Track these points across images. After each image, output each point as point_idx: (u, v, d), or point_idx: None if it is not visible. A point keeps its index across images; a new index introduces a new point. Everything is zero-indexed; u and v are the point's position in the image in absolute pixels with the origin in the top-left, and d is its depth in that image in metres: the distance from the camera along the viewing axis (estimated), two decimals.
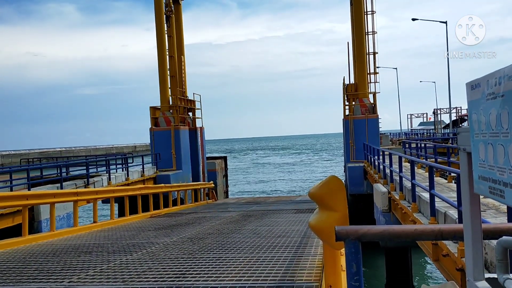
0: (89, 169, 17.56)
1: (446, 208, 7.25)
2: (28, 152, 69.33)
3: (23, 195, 10.45)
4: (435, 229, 2.47)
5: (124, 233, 10.94)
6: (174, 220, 13.52)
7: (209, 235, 9.99)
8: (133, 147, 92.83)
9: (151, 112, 25.53)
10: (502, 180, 1.33)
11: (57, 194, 11.45)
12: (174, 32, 27.30)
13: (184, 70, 28.72)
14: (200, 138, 28.17)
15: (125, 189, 15.58)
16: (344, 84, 25.49)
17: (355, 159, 23.84)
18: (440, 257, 6.63)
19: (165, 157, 24.06)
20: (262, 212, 15.18)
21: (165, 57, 26.04)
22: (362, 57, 25.23)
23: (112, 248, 8.56)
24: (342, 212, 3.54)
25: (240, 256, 7.29)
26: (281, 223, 11.69)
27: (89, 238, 10.14)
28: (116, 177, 19.32)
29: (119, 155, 24.26)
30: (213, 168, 28.66)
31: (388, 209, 12.25)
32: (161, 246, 8.56)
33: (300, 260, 6.81)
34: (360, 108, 24.78)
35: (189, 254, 7.63)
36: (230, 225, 11.69)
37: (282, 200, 23.16)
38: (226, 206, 19.23)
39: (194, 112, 28.85)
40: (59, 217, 12.65)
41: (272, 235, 9.54)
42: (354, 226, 2.62)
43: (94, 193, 13.21)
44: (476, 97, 1.51)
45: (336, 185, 3.66)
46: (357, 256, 2.57)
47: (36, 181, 15.18)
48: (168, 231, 10.89)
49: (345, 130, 25.03)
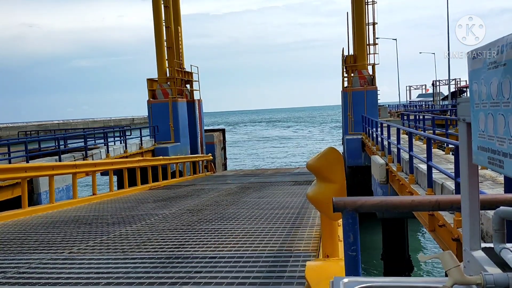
0: (87, 142, 17.53)
1: (443, 180, 7.29)
2: (26, 125, 69.15)
3: (22, 167, 10.47)
4: (432, 199, 2.47)
5: (123, 205, 11.03)
6: (173, 192, 13.62)
7: (208, 206, 10.08)
8: (131, 119, 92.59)
9: (148, 84, 25.32)
10: (502, 150, 1.31)
11: (55, 167, 11.48)
12: (171, 2, 26.76)
13: (181, 41, 28.30)
14: (198, 110, 28.04)
15: (124, 161, 15.62)
16: (343, 56, 25.21)
17: (353, 131, 23.82)
18: (436, 227, 6.71)
19: (163, 130, 24.00)
20: (260, 184, 15.28)
21: (161, 27, 25.63)
22: (362, 28, 24.86)
23: (111, 220, 8.64)
24: (339, 183, 3.55)
25: (239, 227, 7.38)
26: (279, 195, 11.78)
27: (89, 210, 10.22)
28: (115, 149, 19.32)
29: (117, 128, 24.19)
30: (211, 140, 28.65)
31: (386, 180, 12.33)
32: (160, 218, 8.65)
33: (298, 230, 6.89)
34: (359, 80, 24.59)
35: (188, 225, 7.71)
36: (229, 197, 11.78)
37: (280, 172, 23.28)
38: (225, 179, 19.34)
39: (191, 84, 28.61)
40: (58, 189, 12.71)
41: (270, 206, 9.63)
42: (352, 197, 2.62)
43: (93, 166, 13.24)
44: (477, 66, 1.48)
45: (334, 156, 3.66)
46: (354, 227, 2.59)
47: (35, 154, 15.17)
48: (167, 203, 10.98)
49: (343, 102, 24.92)
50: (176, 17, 27.66)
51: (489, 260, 1.55)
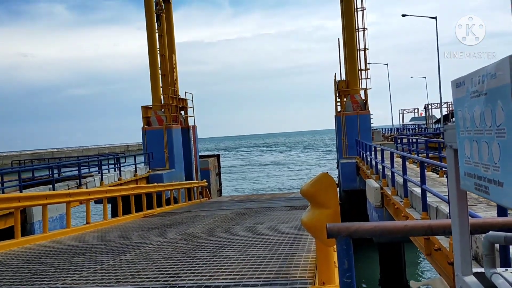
0: (81, 170, 17.47)
1: (438, 203, 7.31)
2: (20, 154, 68.78)
3: (15, 197, 10.39)
4: (424, 224, 2.49)
5: (118, 233, 10.92)
6: (168, 220, 13.51)
7: (203, 233, 10.00)
8: (125, 146, 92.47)
9: (143, 111, 25.44)
10: (487, 176, 1.35)
11: (49, 196, 11.40)
12: (165, 31, 27.20)
13: (176, 69, 28.62)
14: (193, 136, 28.12)
15: (118, 189, 15.54)
16: (336, 81, 25.56)
17: (347, 155, 23.92)
18: (432, 251, 6.69)
19: (158, 156, 23.99)
20: (255, 210, 15.21)
21: (156, 56, 25.95)
22: (353, 54, 25.30)
23: (105, 249, 8.54)
24: (333, 208, 3.56)
25: (234, 254, 7.31)
26: (275, 221, 11.72)
27: (83, 239, 10.10)
28: (109, 177, 19.24)
29: (111, 155, 24.15)
30: (206, 166, 28.63)
31: (381, 204, 12.32)
32: (155, 246, 8.56)
33: (294, 257, 6.84)
34: (351, 104, 24.86)
35: (183, 254, 7.63)
36: (224, 223, 11.70)
37: (276, 197, 23.20)
38: (220, 205, 19.23)
39: (186, 110, 28.79)
40: (52, 219, 12.59)
41: (266, 232, 9.56)
42: (345, 223, 2.64)
43: (87, 194, 13.16)
44: (461, 94, 1.53)
45: (327, 182, 3.68)
46: (349, 253, 2.59)
47: (28, 183, 15.08)
48: (162, 231, 10.88)
49: (337, 127, 25.11)
50: (171, 45, 28.07)
51: (480, 286, 1.56)
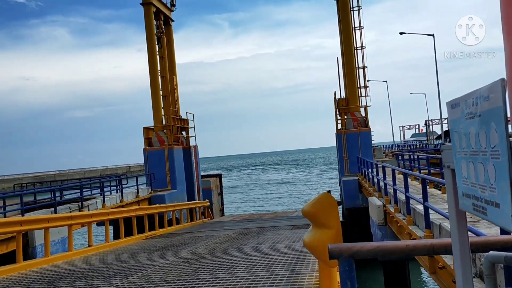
0: (83, 192, 17.45)
1: (441, 220, 7.28)
2: (22, 177, 68.85)
3: (17, 221, 10.36)
4: (426, 244, 2.50)
5: (120, 256, 10.85)
6: (170, 241, 13.43)
7: (206, 254, 9.93)
8: (127, 167, 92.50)
9: (145, 132, 25.54)
10: (484, 197, 1.36)
11: (51, 219, 11.36)
12: (166, 52, 27.52)
13: (177, 90, 28.84)
14: (194, 156, 28.16)
15: (120, 211, 15.49)
16: (336, 99, 25.70)
17: (349, 173, 23.89)
18: (437, 269, 6.63)
19: (159, 177, 23.98)
20: (258, 229, 15.12)
21: (157, 77, 26.19)
22: (352, 72, 25.50)
23: (107, 272, 8.48)
24: (335, 229, 3.55)
25: (237, 275, 7.25)
26: (278, 240, 11.65)
27: (85, 263, 10.04)
28: (111, 199, 19.20)
29: (113, 177, 24.15)
30: (208, 186, 28.58)
31: (384, 222, 12.26)
32: (157, 268, 8.50)
33: (297, 277, 6.78)
34: (352, 122, 24.95)
35: (185, 276, 7.57)
36: (227, 244, 11.63)
37: (278, 216, 23.08)
38: (222, 225, 19.13)
39: (187, 131, 28.90)
40: (53, 242, 12.53)
41: (269, 252, 9.50)
42: (347, 243, 2.64)
43: (89, 217, 13.12)
44: (456, 116, 1.56)
45: (328, 202, 3.68)
46: (351, 274, 2.59)
47: (30, 206, 15.05)
48: (164, 252, 10.81)
49: (338, 144, 25.14)
50: (171, 66, 28.36)
51: None
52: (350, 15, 25.54)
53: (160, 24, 27.16)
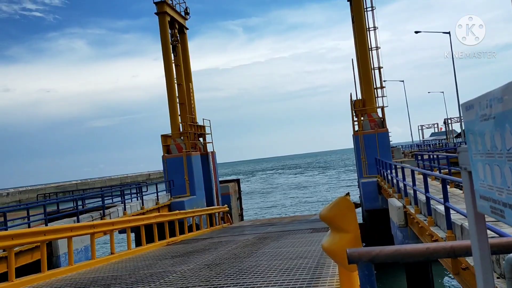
0: (105, 201, 17.69)
1: (462, 220, 7.17)
2: (45, 187, 70.06)
3: (41, 231, 10.55)
4: (446, 246, 2.47)
5: (142, 263, 10.96)
6: (191, 247, 13.50)
7: (226, 260, 9.95)
8: (147, 175, 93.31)
9: (163, 140, 25.80)
10: (501, 200, 1.35)
11: (74, 228, 11.55)
12: (181, 60, 27.79)
13: (193, 97, 29.07)
14: (212, 162, 28.29)
15: (141, 218, 15.65)
16: (352, 100, 25.54)
17: (368, 174, 23.69)
18: (460, 270, 6.53)
19: (178, 184, 24.17)
20: (278, 234, 15.09)
21: (173, 85, 26.45)
22: (368, 73, 25.33)
23: (130, 280, 8.57)
24: (353, 233, 3.54)
25: (258, 280, 7.26)
26: (298, 244, 11.61)
27: (107, 270, 10.16)
28: (131, 206, 19.42)
29: (133, 185, 24.43)
30: (227, 191, 28.67)
31: (405, 223, 12.11)
32: (179, 275, 8.55)
33: (318, 281, 6.75)
34: (369, 123, 24.75)
35: (207, 281, 7.61)
36: (246, 249, 11.64)
37: (297, 219, 23.00)
38: (242, 229, 19.15)
39: (204, 137, 29.07)
40: (77, 251, 12.73)
41: (289, 257, 9.48)
42: (366, 248, 2.63)
43: (110, 225, 13.28)
44: (471, 118, 1.55)
45: (346, 206, 3.67)
46: (371, 278, 2.58)
47: (53, 216, 15.33)
48: (185, 258, 10.87)
49: (355, 146, 24.96)
50: (187, 74, 28.62)
51: None
52: (364, 16, 25.40)
53: (175, 33, 27.46)
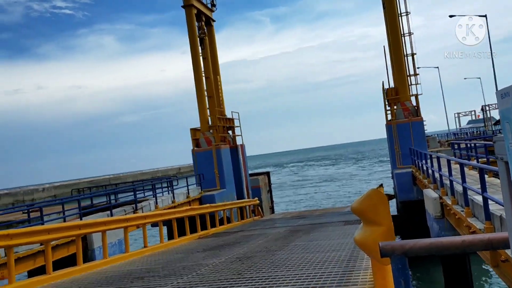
0: (137, 195, 18.03)
1: (502, 211, 6.90)
2: (79, 182, 72.16)
3: (76, 225, 10.84)
4: (484, 239, 2.36)
5: (174, 256, 11.11)
6: (222, 240, 13.59)
7: (257, 253, 9.96)
8: (177, 169, 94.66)
9: (192, 133, 26.04)
10: None
11: (107, 222, 11.81)
12: (209, 53, 27.89)
13: (221, 89, 29.18)
14: (242, 155, 28.37)
15: (172, 212, 15.87)
16: (384, 89, 25.02)
17: (402, 165, 23.21)
18: (499, 262, 6.30)
19: (208, 177, 24.38)
20: (309, 226, 15.01)
21: (201, 78, 26.60)
22: (400, 60, 24.72)
23: (163, 272, 8.70)
24: (386, 226, 3.43)
25: (290, 273, 7.22)
26: (330, 237, 11.50)
27: (141, 263, 10.35)
28: (163, 200, 19.74)
29: (164, 179, 24.82)
30: (257, 184, 28.71)
31: (441, 215, 11.80)
32: (211, 268, 8.62)
33: (351, 274, 6.66)
34: (402, 112, 24.20)
35: (238, 274, 7.63)
36: (278, 242, 11.62)
37: (329, 212, 22.81)
38: (273, 222, 19.15)
39: (233, 130, 29.16)
40: (111, 244, 13.02)
41: (321, 249, 9.40)
42: (400, 241, 2.55)
43: (143, 218, 13.52)
44: (506, 105, 1.45)
45: (378, 198, 3.56)
46: (405, 272, 2.50)
47: (88, 210, 15.74)
48: (217, 252, 10.95)
49: (388, 136, 24.48)
50: (215, 66, 28.71)
51: None
52: (395, 1, 24.74)
53: (202, 25, 27.55)
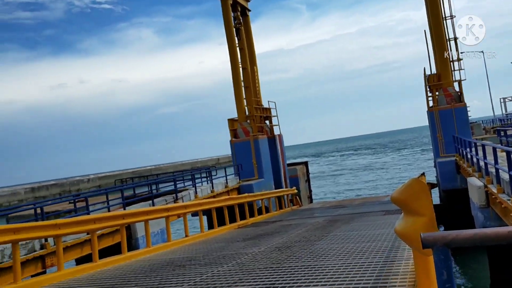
0: (177, 185, 18.38)
1: None
2: (122, 172, 74.39)
3: (120, 215, 11.19)
4: None
5: (214, 245, 11.28)
6: (261, 230, 13.67)
7: (296, 242, 9.96)
8: (216, 159, 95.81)
9: (229, 124, 26.22)
10: None
11: (149, 211, 12.12)
12: (245, 43, 27.87)
13: (258, 80, 29.15)
14: (279, 145, 28.33)
15: (212, 201, 16.10)
16: (425, 75, 24.23)
17: (445, 153, 22.52)
18: None
19: (246, 167, 24.53)
20: (349, 216, 14.86)
21: (238, 69, 26.66)
22: (442, 44, 23.84)
23: (203, 261, 8.86)
24: (428, 216, 3.34)
25: (329, 263, 7.19)
26: (370, 227, 11.35)
27: (182, 252, 10.58)
28: (202, 190, 20.04)
29: (204, 169, 25.18)
30: (295, 174, 28.63)
31: (486, 204, 11.39)
32: (250, 257, 8.69)
33: (392, 265, 6.55)
34: (445, 98, 23.40)
35: (278, 264, 7.66)
36: (317, 232, 11.58)
37: (369, 201, 22.48)
38: (312, 212, 19.08)
39: (271, 120, 29.12)
40: (153, 233, 13.36)
41: (361, 239, 9.29)
42: (442, 231, 2.46)
43: (183, 208, 13.78)
44: None
45: (419, 187, 3.46)
46: (447, 263, 2.42)
47: (130, 200, 16.19)
48: (256, 241, 11.03)
49: (430, 123, 23.76)
50: (251, 57, 28.68)
51: None
52: None
53: (238, 16, 27.53)
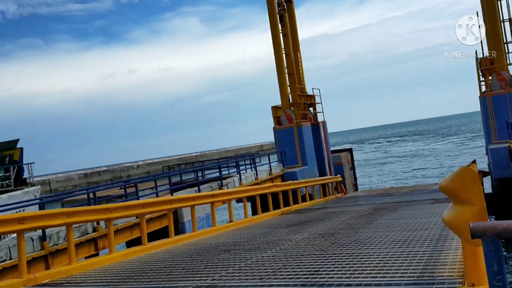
0: (222, 172, 18.67)
1: None
2: (169, 159, 76.24)
3: (167, 200, 11.57)
4: None
5: (258, 231, 11.43)
6: (305, 216, 13.70)
7: (340, 230, 9.93)
8: (260, 146, 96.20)
9: (273, 111, 26.23)
10: None
11: (196, 197, 12.44)
12: (289, 30, 27.63)
13: (301, 66, 28.90)
14: (323, 132, 28.07)
15: (256, 188, 16.27)
16: (477, 58, 23.16)
17: (497, 140, 21.54)
18: None
19: (290, 154, 24.51)
20: (395, 204, 14.60)
21: (281, 56, 26.51)
22: (496, 26, 22.64)
23: (248, 246, 9.01)
24: (478, 206, 3.24)
25: (374, 251, 7.12)
26: (417, 215, 11.11)
27: (227, 237, 10.80)
28: (246, 177, 20.25)
29: (247, 156, 25.40)
30: (339, 161, 28.33)
31: None
32: (294, 243, 8.76)
33: (440, 254, 6.41)
34: (498, 83, 22.30)
35: (321, 251, 7.67)
36: (362, 219, 11.47)
37: (417, 189, 21.95)
38: (356, 200, 18.88)
39: (314, 106, 28.86)
40: (199, 218, 13.71)
41: (408, 228, 9.13)
42: (492, 221, 2.40)
43: (228, 194, 14.04)
44: None
45: (469, 176, 3.36)
46: (498, 254, 2.36)
47: (177, 186, 16.63)
48: (300, 228, 11.08)
49: (483, 109, 22.76)
50: (295, 43, 28.43)
51: None
52: None
53: (282, 2, 27.29)
